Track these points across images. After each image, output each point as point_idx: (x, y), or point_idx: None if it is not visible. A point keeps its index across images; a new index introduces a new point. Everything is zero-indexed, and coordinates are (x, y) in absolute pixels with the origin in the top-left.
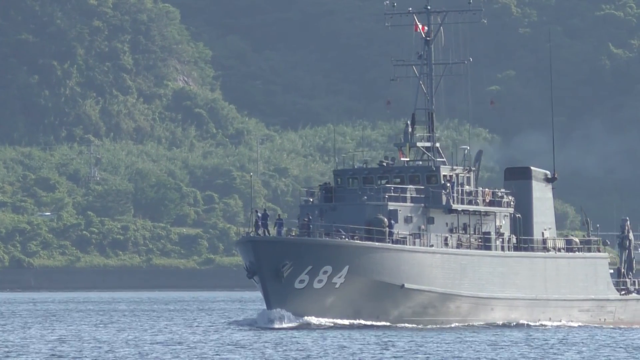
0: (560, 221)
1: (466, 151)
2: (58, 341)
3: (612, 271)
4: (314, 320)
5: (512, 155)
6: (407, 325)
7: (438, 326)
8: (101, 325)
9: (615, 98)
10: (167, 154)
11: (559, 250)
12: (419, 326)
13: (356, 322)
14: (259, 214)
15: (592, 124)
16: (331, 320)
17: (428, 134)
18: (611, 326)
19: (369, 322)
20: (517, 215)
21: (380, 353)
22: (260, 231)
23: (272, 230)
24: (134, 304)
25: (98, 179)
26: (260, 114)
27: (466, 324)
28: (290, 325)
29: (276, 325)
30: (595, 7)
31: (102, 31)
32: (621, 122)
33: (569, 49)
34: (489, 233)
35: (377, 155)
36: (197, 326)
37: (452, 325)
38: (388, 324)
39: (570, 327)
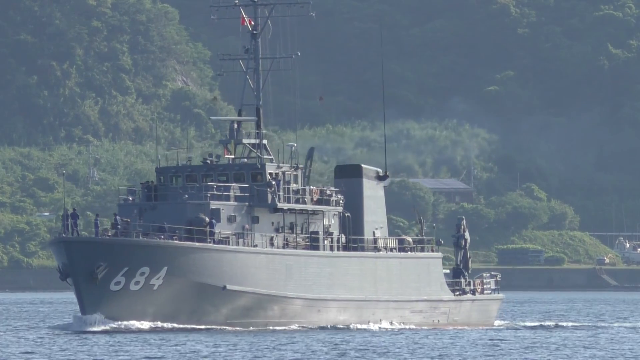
0: (559, 221)
1: (293, 148)
2: None
3: (447, 271)
4: (129, 323)
5: (510, 155)
6: (228, 328)
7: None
8: None
9: (614, 98)
10: (166, 154)
11: (391, 250)
12: (247, 329)
13: (176, 325)
14: (69, 213)
15: (591, 124)
16: (149, 323)
17: (256, 131)
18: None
19: (189, 325)
20: (346, 215)
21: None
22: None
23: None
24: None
25: (97, 179)
26: None
27: (293, 327)
28: (104, 329)
29: (90, 330)
30: (594, 8)
31: (101, 31)
32: (620, 123)
33: (568, 49)
34: (316, 232)
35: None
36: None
37: (277, 327)
38: (210, 326)
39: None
